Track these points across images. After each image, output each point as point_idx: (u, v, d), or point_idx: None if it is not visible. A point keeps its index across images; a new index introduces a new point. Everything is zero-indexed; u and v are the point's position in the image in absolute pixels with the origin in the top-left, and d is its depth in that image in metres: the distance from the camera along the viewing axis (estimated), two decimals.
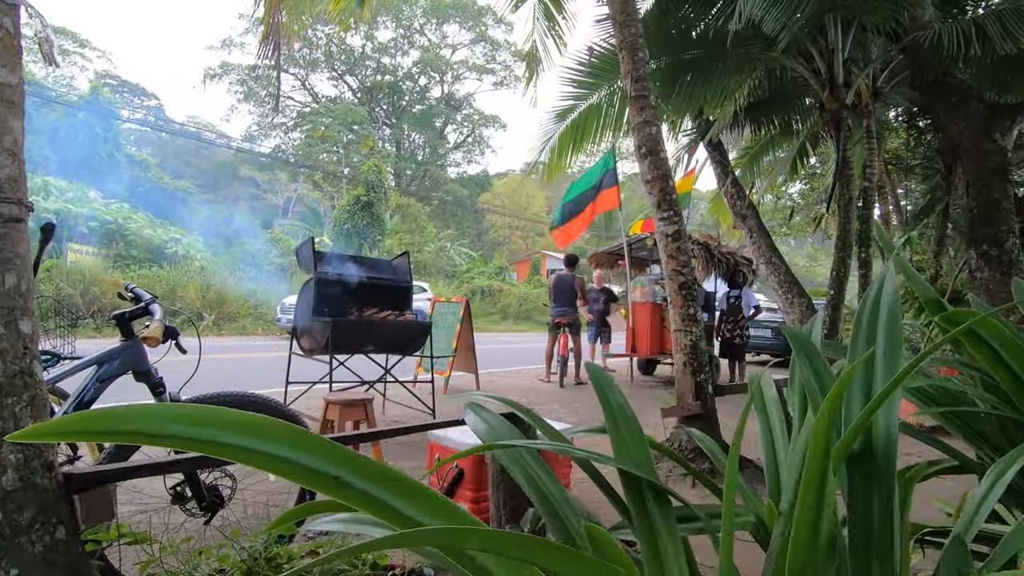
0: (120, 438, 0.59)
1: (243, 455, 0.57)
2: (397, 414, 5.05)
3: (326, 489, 0.59)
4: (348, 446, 0.65)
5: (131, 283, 1.83)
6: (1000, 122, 5.53)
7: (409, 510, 0.61)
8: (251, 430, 0.58)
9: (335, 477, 0.60)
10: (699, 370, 3.39)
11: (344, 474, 0.60)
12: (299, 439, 0.60)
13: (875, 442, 0.78)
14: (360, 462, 0.62)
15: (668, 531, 0.97)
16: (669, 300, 3.54)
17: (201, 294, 13.24)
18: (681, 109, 6.05)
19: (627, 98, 3.81)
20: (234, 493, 2.00)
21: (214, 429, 0.56)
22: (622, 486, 1.06)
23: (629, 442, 1.12)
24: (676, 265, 3.53)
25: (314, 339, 4.05)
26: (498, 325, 21.10)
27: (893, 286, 0.96)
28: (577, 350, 7.64)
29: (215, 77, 36.25)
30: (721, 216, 12.32)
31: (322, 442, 0.61)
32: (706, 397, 3.35)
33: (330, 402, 3.20)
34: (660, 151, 3.69)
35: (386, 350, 4.44)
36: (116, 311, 1.75)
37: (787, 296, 6.55)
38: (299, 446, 0.60)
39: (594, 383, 1.26)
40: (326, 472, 0.59)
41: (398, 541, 0.59)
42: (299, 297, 4.25)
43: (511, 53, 40.12)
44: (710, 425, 3.37)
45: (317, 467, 0.59)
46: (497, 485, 2.25)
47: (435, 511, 0.63)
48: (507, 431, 1.35)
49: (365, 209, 20.40)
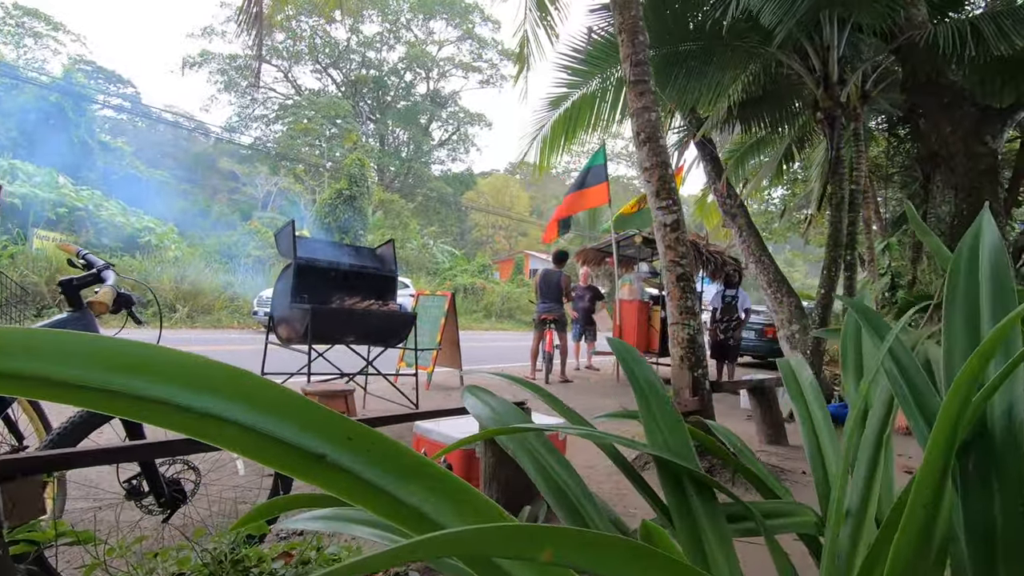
0: None
1: (185, 420, 0.39)
2: (379, 409, 4.85)
3: (306, 473, 0.42)
4: None
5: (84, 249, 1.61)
6: (991, 124, 5.52)
7: (431, 505, 0.44)
8: (196, 378, 0.40)
9: (319, 456, 0.43)
10: (697, 365, 3.26)
11: (332, 451, 0.43)
12: (269, 396, 0.43)
13: (992, 424, 0.63)
14: (358, 432, 0.45)
15: (717, 533, 0.81)
16: (667, 292, 3.41)
17: (175, 285, 12.81)
18: (674, 103, 5.94)
19: (625, 83, 3.67)
20: (198, 487, 1.80)
21: (136, 376, 0.38)
22: (659, 479, 0.91)
23: (664, 426, 0.96)
24: (674, 256, 3.40)
25: (292, 327, 3.84)
26: (481, 323, 20.91)
27: (995, 233, 0.81)
28: (563, 347, 7.50)
29: (195, 66, 35.43)
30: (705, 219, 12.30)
31: (302, 403, 0.44)
32: (703, 393, 3.22)
33: (308, 393, 3.00)
34: (659, 138, 3.55)
35: (368, 341, 4.24)
36: (64, 278, 1.54)
37: (776, 295, 6.49)
38: (272, 408, 0.42)
39: (619, 357, 1.10)
40: (307, 448, 0.42)
41: (439, 547, 0.39)
42: (277, 283, 4.03)
43: (498, 51, 39.98)
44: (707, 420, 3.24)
45: (293, 439, 0.42)
46: (490, 480, 2.08)
47: (461, 507, 0.46)
48: (512, 415, 1.19)
49: (347, 203, 20.04)
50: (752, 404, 4.55)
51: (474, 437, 0.94)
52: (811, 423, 1.14)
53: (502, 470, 2.05)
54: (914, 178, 13.83)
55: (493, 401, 1.26)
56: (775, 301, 6.51)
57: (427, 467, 0.47)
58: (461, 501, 0.47)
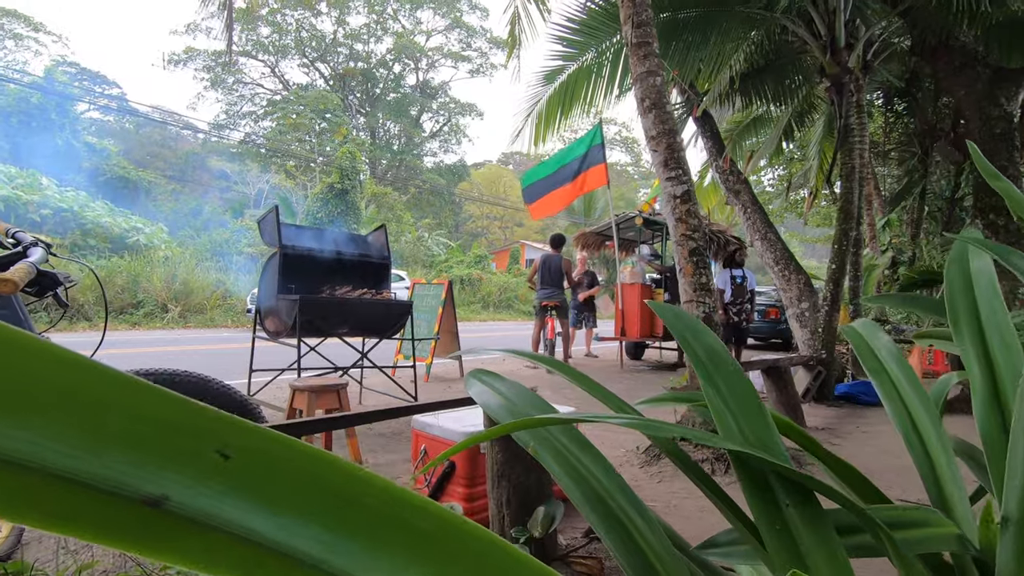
0: None
1: None
2: (376, 403, 4.63)
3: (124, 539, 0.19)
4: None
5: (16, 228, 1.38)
6: (1005, 87, 5.30)
7: None
8: None
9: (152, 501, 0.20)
10: None
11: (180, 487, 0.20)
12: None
13: None
14: (244, 437, 0.22)
15: (825, 552, 0.59)
16: (679, 269, 3.18)
17: (166, 285, 12.54)
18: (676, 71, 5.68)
19: (627, 46, 3.42)
20: None
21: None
22: (740, 481, 0.68)
23: (737, 410, 0.73)
24: (686, 229, 3.17)
25: (280, 320, 3.60)
26: (479, 314, 20.69)
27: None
28: (565, 334, 7.29)
29: (179, 63, 34.89)
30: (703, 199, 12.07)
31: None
32: None
33: (297, 389, 2.77)
34: (665, 104, 3.31)
35: (362, 333, 4.00)
36: None
37: (784, 273, 6.27)
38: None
39: (669, 324, 0.87)
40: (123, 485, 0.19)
41: None
42: (262, 273, 3.79)
43: (487, 40, 39.48)
44: None
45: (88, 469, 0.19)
46: (497, 479, 1.86)
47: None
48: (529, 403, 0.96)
49: (339, 197, 19.73)
50: (767, 386, 4.34)
51: (487, 434, 0.71)
52: (901, 400, 0.91)
53: (512, 467, 1.83)
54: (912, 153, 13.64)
55: (503, 386, 1.03)
56: (783, 279, 6.29)
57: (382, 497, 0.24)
58: None
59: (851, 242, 5.54)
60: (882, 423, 4.58)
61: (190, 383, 1.48)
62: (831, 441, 3.77)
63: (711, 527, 2.14)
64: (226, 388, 1.57)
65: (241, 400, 1.59)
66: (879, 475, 2.96)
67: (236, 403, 1.57)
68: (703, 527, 2.19)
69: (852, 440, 3.87)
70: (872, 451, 3.52)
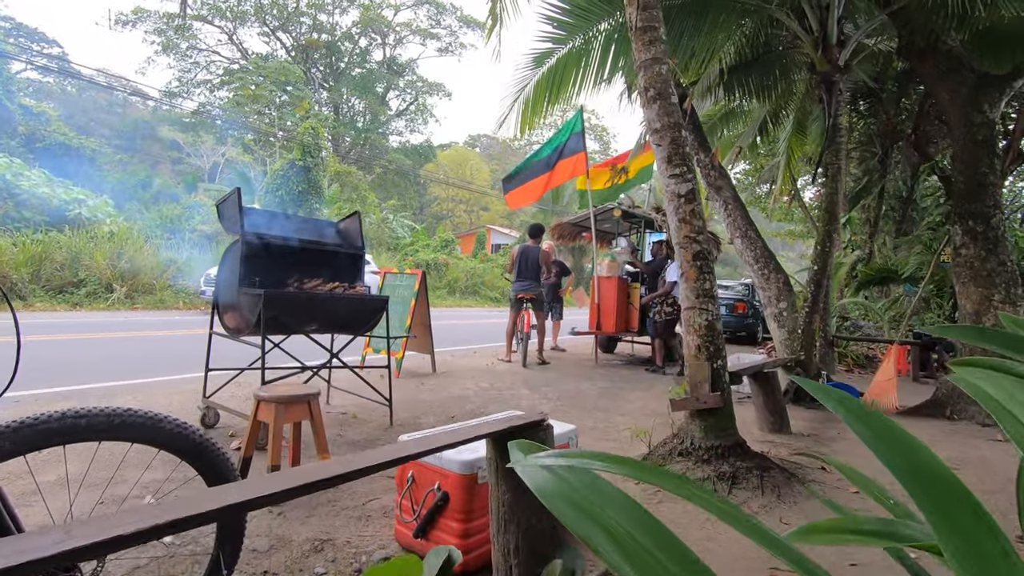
0: None
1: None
2: (344, 403, 4.32)
3: None
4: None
5: None
6: (989, 93, 5.29)
7: None
8: None
9: None
10: (716, 355, 2.87)
11: None
12: None
13: None
14: None
15: None
16: (681, 272, 2.98)
17: (111, 263, 11.72)
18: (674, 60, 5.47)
19: (630, 30, 3.16)
20: None
21: None
22: None
23: None
24: (690, 231, 2.97)
25: (241, 316, 3.24)
26: (444, 300, 20.33)
27: None
28: (540, 327, 7.09)
29: (128, 24, 32.73)
30: None
31: None
32: (724, 387, 2.84)
33: (262, 399, 2.46)
34: (671, 94, 3.08)
35: (333, 330, 3.68)
36: None
37: (763, 271, 6.20)
38: None
39: (849, 422, 0.65)
40: None
41: None
42: (221, 263, 3.40)
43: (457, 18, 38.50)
44: (726, 419, 2.87)
45: None
46: (504, 524, 1.61)
47: None
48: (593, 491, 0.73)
49: (301, 174, 18.90)
50: (754, 390, 4.24)
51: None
52: None
53: (521, 509, 1.59)
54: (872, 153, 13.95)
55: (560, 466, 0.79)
56: (762, 277, 6.22)
57: None
58: None
59: (834, 243, 5.51)
60: None
61: (136, 426, 1.17)
62: (820, 449, 3.69)
63: (732, 559, 1.97)
64: (182, 428, 1.27)
65: (199, 442, 1.30)
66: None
67: (192, 444, 1.28)
68: (721, 561, 2.01)
69: (839, 447, 3.80)
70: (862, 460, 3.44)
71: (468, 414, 4.26)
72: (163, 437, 1.21)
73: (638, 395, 5.45)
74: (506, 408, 4.50)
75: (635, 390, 5.72)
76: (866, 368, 8.77)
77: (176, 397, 4.24)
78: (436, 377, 5.78)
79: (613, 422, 4.23)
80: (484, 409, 4.43)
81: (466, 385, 5.42)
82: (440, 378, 5.73)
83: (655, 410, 4.65)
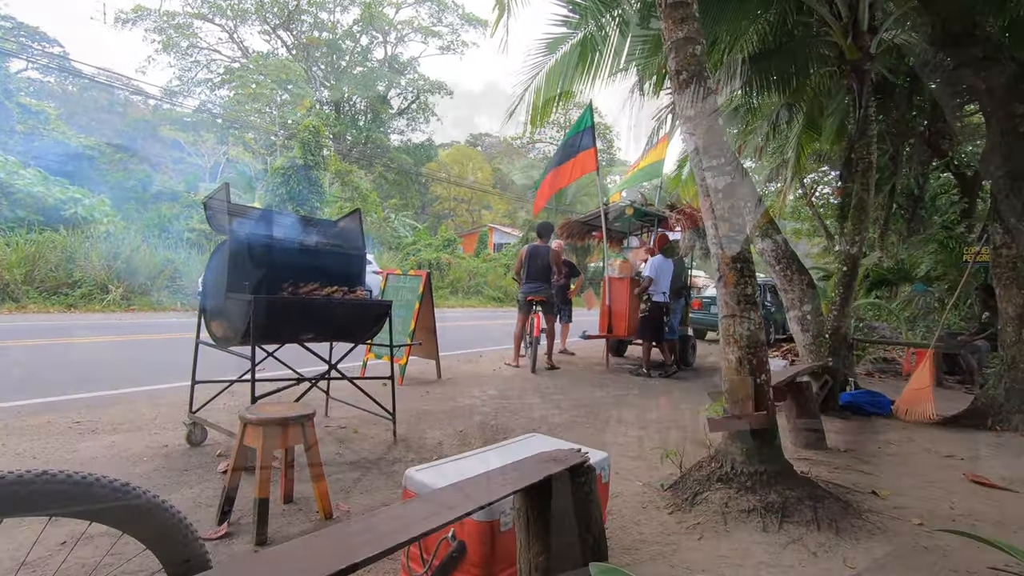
0: None
1: None
2: (345, 415, 4.02)
3: None
4: None
5: None
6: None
7: None
8: None
9: None
10: (760, 369, 2.56)
11: None
12: None
13: None
14: None
15: None
16: (719, 276, 2.67)
17: (106, 264, 11.43)
18: None
19: (659, 8, 2.85)
20: None
21: None
22: None
23: None
24: (729, 230, 2.66)
25: (230, 324, 2.94)
26: (447, 300, 20.01)
27: None
28: (550, 331, 6.77)
29: (128, 22, 32.48)
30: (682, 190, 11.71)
31: None
32: (769, 405, 2.52)
33: (249, 422, 2.15)
34: (706, 77, 2.77)
35: (331, 338, 3.38)
36: None
37: (786, 272, 5.87)
38: None
39: None
40: None
41: None
42: (208, 265, 3.10)
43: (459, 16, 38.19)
44: (771, 441, 2.56)
45: None
46: None
47: None
48: None
49: (302, 173, 18.60)
50: (786, 402, 3.92)
51: None
52: None
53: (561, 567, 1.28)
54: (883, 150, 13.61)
55: None
56: (784, 279, 5.90)
57: None
58: None
59: (863, 244, 5.19)
60: (901, 440, 4.25)
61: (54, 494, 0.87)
62: (862, 468, 3.38)
63: None
64: (122, 489, 0.96)
65: (146, 505, 0.99)
66: (938, 510, 2.53)
67: (138, 511, 0.97)
68: None
69: (883, 466, 3.49)
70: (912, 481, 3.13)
71: (476, 427, 3.95)
72: (96, 502, 0.91)
73: (656, 403, 5.14)
74: (517, 420, 4.19)
75: (652, 397, 5.41)
76: (886, 372, 8.44)
77: (162, 409, 3.95)
78: (441, 384, 5.47)
79: (635, 436, 3.92)
80: (494, 421, 4.13)
81: (473, 393, 5.11)
82: (445, 385, 5.42)
83: (677, 422, 4.35)
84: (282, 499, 2.49)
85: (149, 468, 2.82)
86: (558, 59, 5.04)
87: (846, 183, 9.35)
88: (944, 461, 3.68)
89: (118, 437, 3.27)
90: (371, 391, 3.75)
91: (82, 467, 2.85)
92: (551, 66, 5.09)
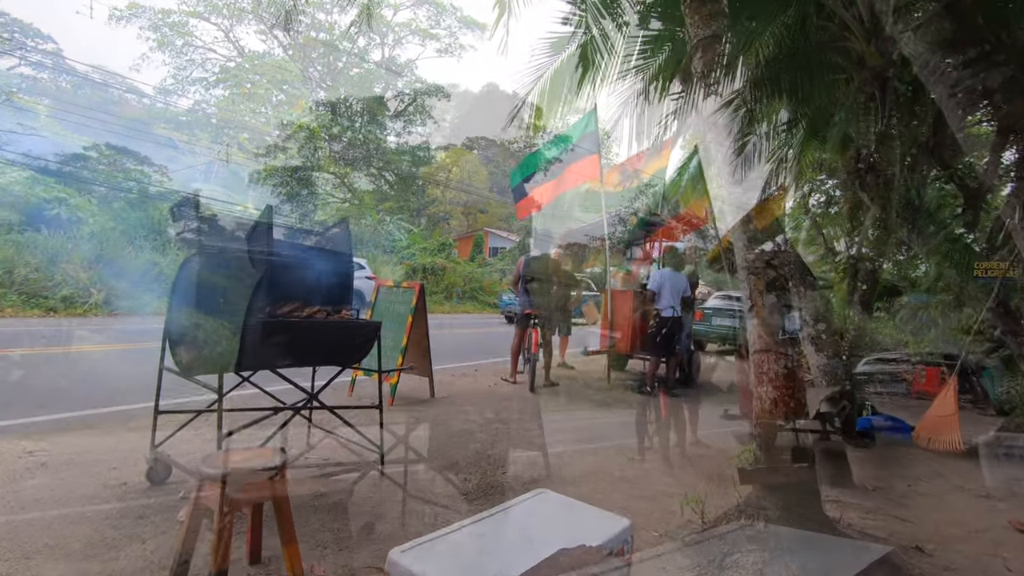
0: None
1: None
2: (327, 446, 3.68)
3: None
4: None
5: None
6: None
7: None
8: None
9: None
10: (798, 411, 2.25)
11: None
12: None
13: None
14: None
15: None
16: (750, 303, 2.36)
17: (89, 265, 11.05)
18: None
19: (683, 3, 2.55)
20: None
21: None
22: None
23: None
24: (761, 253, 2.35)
25: (196, 350, 2.61)
26: (441, 306, 19.66)
27: None
28: (548, 346, 6.45)
29: (122, 19, 32.06)
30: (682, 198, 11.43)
31: None
32: (810, 454, 2.21)
33: (208, 480, 1.82)
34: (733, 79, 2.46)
35: (313, 362, 3.05)
36: None
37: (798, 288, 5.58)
38: None
39: None
40: None
41: None
42: (175, 284, 2.77)
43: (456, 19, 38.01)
44: (811, 494, 2.25)
45: None
46: None
47: None
48: None
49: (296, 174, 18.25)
50: None
51: None
52: None
53: None
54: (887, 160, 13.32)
55: None
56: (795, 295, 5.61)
57: None
58: None
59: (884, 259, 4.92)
60: (929, 475, 3.96)
61: None
62: (896, 512, 3.07)
63: None
64: None
65: None
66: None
67: None
68: None
69: (917, 509, 3.19)
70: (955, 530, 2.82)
71: (472, 456, 3.63)
72: None
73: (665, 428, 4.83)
74: (517, 450, 3.87)
75: (659, 420, 5.10)
76: (895, 393, 8.16)
77: (131, 435, 3.60)
78: (435, 405, 5.14)
79: (646, 472, 3.60)
80: (491, 450, 3.80)
81: (469, 416, 4.78)
82: (439, 406, 5.09)
83: (692, 455, 4.03)
84: (247, 558, 2.16)
85: (100, 513, 2.48)
86: (563, 60, 4.74)
87: (851, 192, 9.09)
88: (982, 503, 3.38)
89: (71, 472, 2.92)
90: (358, 416, 3.42)
91: (23, 511, 2.51)
92: (556, 67, 4.79)
